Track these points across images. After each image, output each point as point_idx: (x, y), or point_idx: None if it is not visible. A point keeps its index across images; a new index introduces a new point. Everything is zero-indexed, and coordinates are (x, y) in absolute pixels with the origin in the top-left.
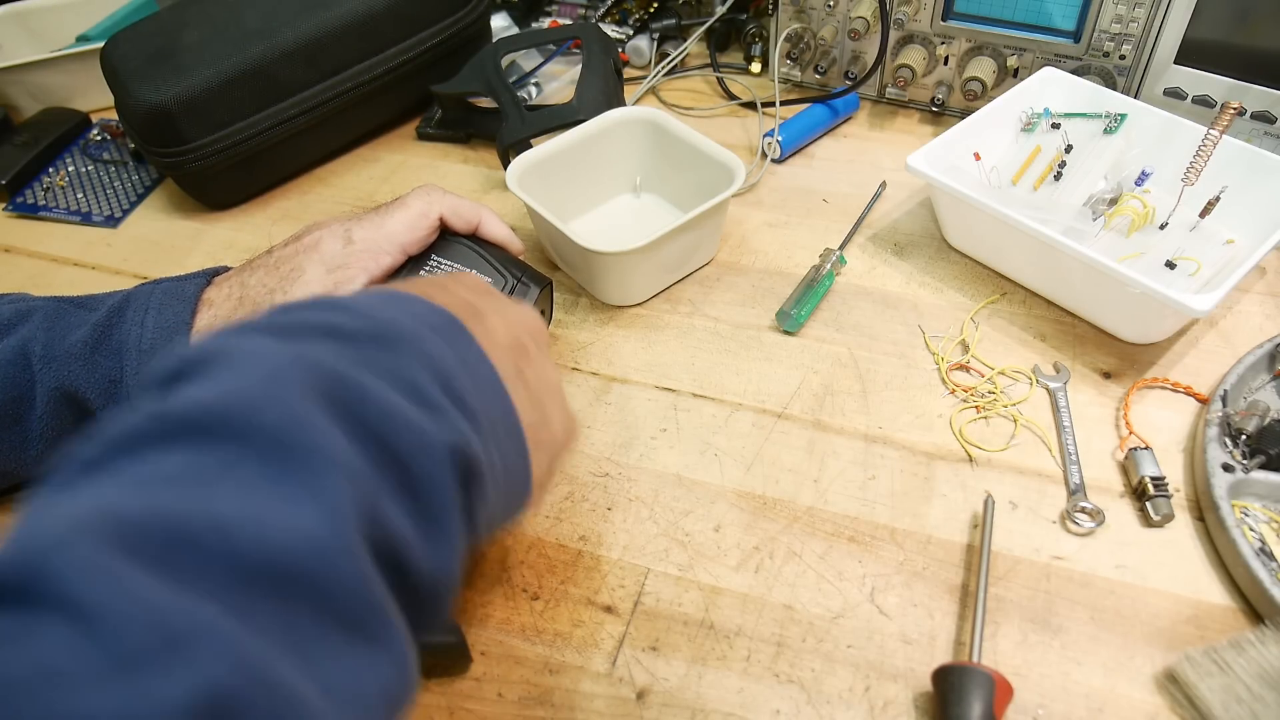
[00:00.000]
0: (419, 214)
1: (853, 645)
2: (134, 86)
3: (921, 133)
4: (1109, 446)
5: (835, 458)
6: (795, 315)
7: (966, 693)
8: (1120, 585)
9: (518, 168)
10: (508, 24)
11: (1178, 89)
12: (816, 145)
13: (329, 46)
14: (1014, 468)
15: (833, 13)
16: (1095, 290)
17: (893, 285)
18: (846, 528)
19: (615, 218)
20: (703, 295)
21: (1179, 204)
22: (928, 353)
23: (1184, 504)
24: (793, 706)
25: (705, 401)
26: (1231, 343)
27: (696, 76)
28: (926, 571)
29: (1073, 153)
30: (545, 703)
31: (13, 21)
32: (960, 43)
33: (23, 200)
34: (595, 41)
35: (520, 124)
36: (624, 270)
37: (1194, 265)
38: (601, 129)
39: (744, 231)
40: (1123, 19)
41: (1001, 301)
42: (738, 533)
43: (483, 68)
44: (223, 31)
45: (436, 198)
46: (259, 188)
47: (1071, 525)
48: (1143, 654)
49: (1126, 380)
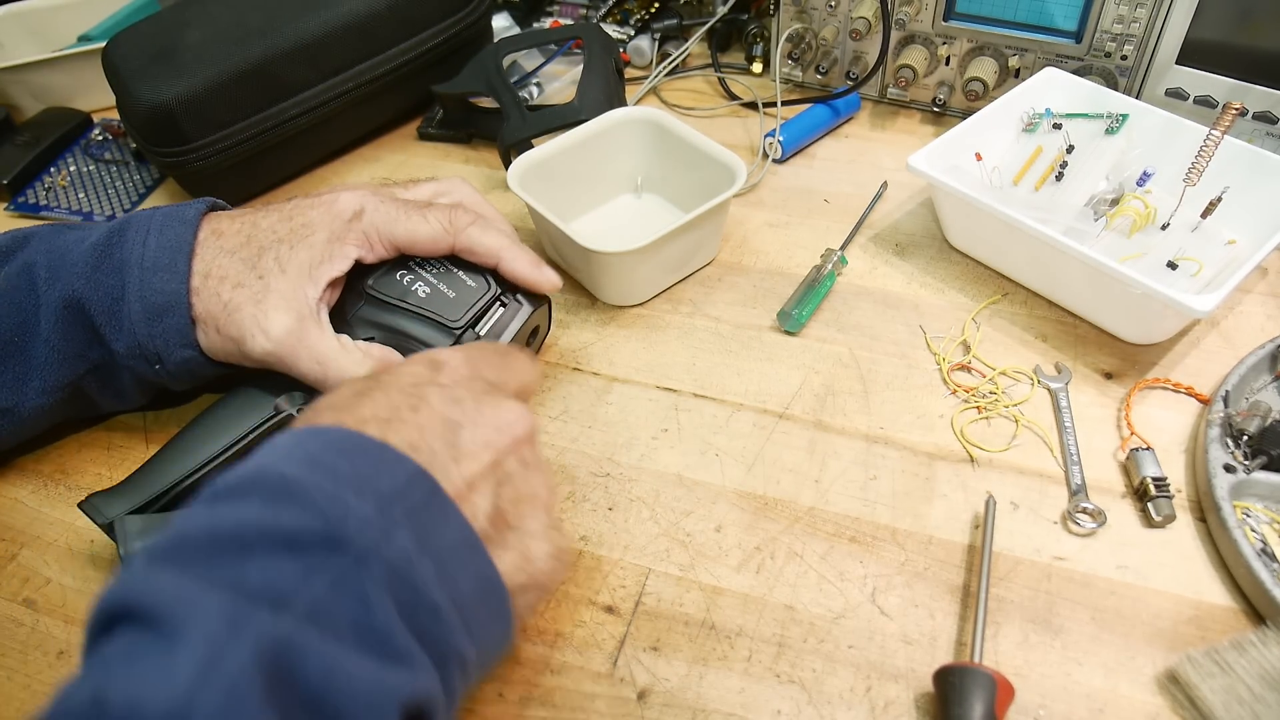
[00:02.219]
0: (432, 238)
1: (854, 645)
2: (135, 86)
3: (923, 133)
4: (1110, 447)
5: (836, 458)
6: (796, 315)
7: (968, 693)
8: (1121, 586)
9: (519, 168)
10: (509, 24)
11: (1179, 89)
12: (818, 145)
13: (331, 46)
14: (1015, 468)
15: (834, 13)
16: (1097, 291)
17: (894, 285)
18: (848, 528)
19: (616, 218)
20: (704, 295)
21: (1180, 204)
22: (929, 353)
23: (1185, 505)
24: (794, 707)
25: (706, 402)
26: (1233, 343)
27: (698, 76)
28: (928, 572)
29: (1074, 153)
30: (546, 703)
31: (14, 21)
32: (962, 43)
33: (24, 200)
34: (596, 41)
35: (521, 124)
36: (625, 270)
37: (1195, 266)
38: (603, 129)
39: (745, 232)
40: (1124, 19)
41: (1003, 302)
42: (739, 533)
43: (484, 68)
44: (224, 31)
45: (460, 225)
46: (260, 187)
47: (1073, 526)
48: (1144, 654)
49: (1128, 381)
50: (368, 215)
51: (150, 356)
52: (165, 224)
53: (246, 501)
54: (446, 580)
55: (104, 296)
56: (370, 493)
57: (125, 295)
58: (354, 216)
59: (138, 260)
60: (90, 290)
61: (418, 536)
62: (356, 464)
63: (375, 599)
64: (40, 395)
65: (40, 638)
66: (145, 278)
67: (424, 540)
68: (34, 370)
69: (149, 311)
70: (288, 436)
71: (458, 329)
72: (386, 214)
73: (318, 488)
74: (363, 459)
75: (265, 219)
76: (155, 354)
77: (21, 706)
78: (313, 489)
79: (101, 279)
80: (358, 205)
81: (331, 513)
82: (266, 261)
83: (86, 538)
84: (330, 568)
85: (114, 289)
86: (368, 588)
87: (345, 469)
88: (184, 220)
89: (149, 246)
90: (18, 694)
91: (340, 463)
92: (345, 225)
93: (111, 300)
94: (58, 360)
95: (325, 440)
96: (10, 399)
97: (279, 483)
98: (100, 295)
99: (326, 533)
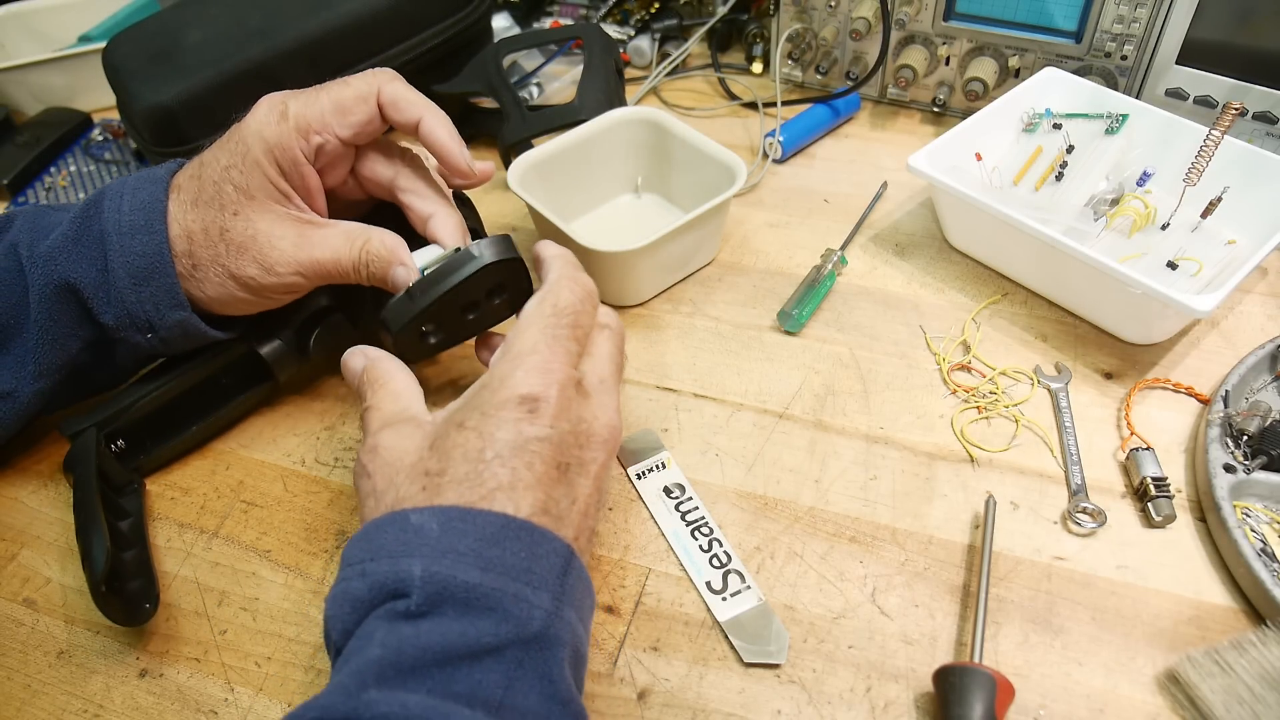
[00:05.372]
0: (358, 96)
1: (854, 645)
2: (136, 86)
3: (923, 133)
4: (1110, 447)
5: (836, 458)
6: (796, 315)
7: (968, 693)
8: (1121, 586)
9: (519, 168)
10: (509, 24)
11: (1179, 89)
12: (818, 145)
13: (331, 46)
14: (1015, 468)
15: (834, 13)
16: (1097, 291)
17: (894, 285)
18: (848, 528)
19: (616, 218)
20: (704, 295)
21: (1180, 204)
22: (929, 353)
23: (1185, 505)
24: (794, 707)
25: (706, 402)
26: (1233, 343)
27: (698, 77)
28: (928, 572)
29: (1074, 153)
30: None
31: (14, 21)
32: (962, 43)
33: (24, 200)
34: (596, 42)
35: (522, 124)
36: (625, 270)
37: (1195, 266)
38: (603, 129)
39: (745, 232)
40: (1124, 19)
41: (1003, 302)
42: (739, 533)
43: (484, 68)
44: (224, 31)
45: (383, 80)
46: None
47: (1073, 526)
48: (1144, 654)
49: (1128, 381)
50: (291, 109)
51: (141, 324)
52: (137, 187)
53: (442, 617)
54: (587, 628)
55: (88, 269)
56: (540, 582)
57: (109, 265)
58: (280, 118)
59: (115, 227)
60: (74, 265)
61: (575, 606)
62: (516, 552)
63: (558, 674)
64: (38, 379)
65: (40, 638)
66: (124, 243)
67: (579, 607)
68: (29, 353)
69: (134, 276)
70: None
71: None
72: (307, 100)
73: (501, 592)
74: (517, 544)
75: (208, 154)
76: (146, 321)
77: (21, 706)
78: (498, 595)
79: (84, 252)
80: (281, 105)
81: (520, 614)
82: (227, 193)
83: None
84: (526, 662)
85: (97, 260)
86: (553, 668)
87: (511, 561)
88: (154, 179)
89: (123, 211)
90: (18, 694)
91: (505, 556)
92: (276, 128)
93: (96, 272)
94: (51, 341)
95: (479, 533)
96: (9, 383)
97: (465, 594)
98: (85, 268)
99: (519, 635)
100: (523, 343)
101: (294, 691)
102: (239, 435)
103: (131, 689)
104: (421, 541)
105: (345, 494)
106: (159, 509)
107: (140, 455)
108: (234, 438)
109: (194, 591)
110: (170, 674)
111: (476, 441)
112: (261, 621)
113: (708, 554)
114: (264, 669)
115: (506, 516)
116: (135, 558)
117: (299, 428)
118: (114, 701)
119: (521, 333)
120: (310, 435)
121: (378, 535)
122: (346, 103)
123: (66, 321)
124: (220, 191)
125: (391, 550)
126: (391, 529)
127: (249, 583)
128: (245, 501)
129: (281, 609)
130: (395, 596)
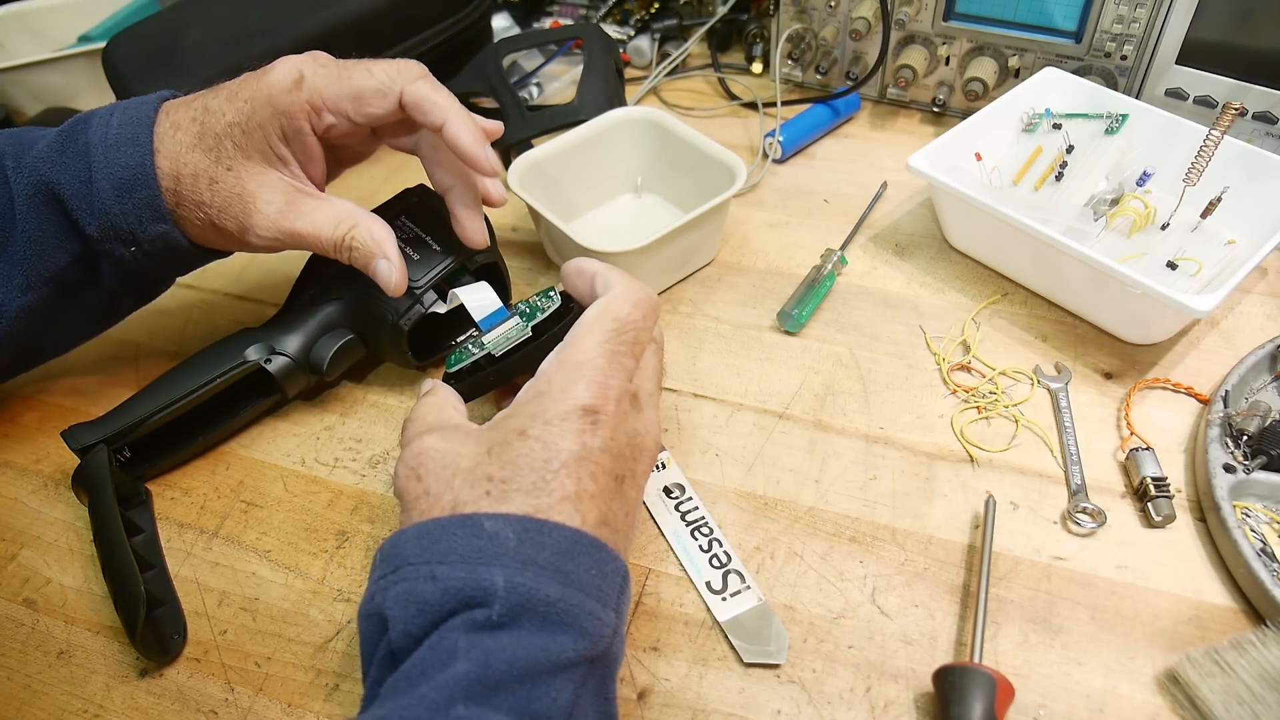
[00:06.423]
0: (378, 90)
1: (854, 645)
2: (136, 86)
3: (923, 133)
4: (1110, 447)
5: (836, 458)
6: (796, 315)
7: (967, 693)
8: (1121, 586)
9: (519, 168)
10: (509, 24)
11: (1179, 89)
12: (818, 145)
13: (330, 46)
14: (1015, 468)
15: (834, 13)
16: (1096, 291)
17: (894, 285)
18: (847, 528)
19: (616, 218)
20: (704, 295)
21: (1180, 204)
22: (929, 353)
23: (1185, 505)
24: (794, 707)
25: (706, 401)
26: (1233, 343)
27: (698, 77)
28: (927, 572)
29: (1074, 153)
30: None
31: (14, 21)
32: (961, 43)
33: None
34: (596, 42)
35: (521, 124)
36: (625, 270)
37: (1195, 266)
38: (603, 129)
39: (745, 232)
40: (1124, 19)
41: (1003, 302)
42: (738, 533)
43: (484, 68)
44: (224, 31)
45: (408, 79)
46: None
47: (1073, 526)
48: (1144, 654)
49: (1128, 381)
50: (308, 81)
51: (125, 236)
52: (128, 106)
53: (521, 630)
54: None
55: (72, 178)
56: (605, 599)
57: (92, 175)
58: (294, 86)
59: (100, 139)
60: (58, 173)
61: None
62: (586, 568)
63: (611, 692)
64: (25, 291)
65: (40, 638)
66: (109, 154)
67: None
68: (15, 265)
69: (117, 187)
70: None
71: (418, 289)
72: (327, 75)
73: (579, 608)
74: (587, 560)
75: (214, 100)
76: (129, 233)
77: (21, 706)
78: (576, 611)
79: (68, 161)
80: (296, 73)
81: (594, 631)
82: (225, 148)
83: (86, 538)
84: (589, 680)
85: (81, 171)
86: (609, 686)
87: (583, 577)
88: (145, 102)
89: (111, 126)
90: (18, 694)
91: (577, 571)
92: (288, 96)
93: (80, 182)
94: (37, 252)
95: (555, 545)
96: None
97: (546, 608)
98: (69, 177)
99: (592, 652)
100: (581, 353)
101: (294, 691)
102: (239, 435)
103: (131, 689)
104: (499, 550)
105: (345, 494)
106: (159, 509)
107: (145, 465)
108: (234, 438)
109: (194, 591)
110: (170, 674)
111: (541, 451)
112: (261, 621)
113: (707, 554)
114: (264, 669)
115: (577, 531)
116: (155, 578)
117: (299, 428)
118: (114, 701)
119: (578, 341)
120: (310, 435)
121: (444, 537)
122: (366, 94)
123: (52, 232)
124: (219, 144)
125: (465, 555)
126: (461, 532)
127: (249, 583)
128: (245, 501)
129: (281, 609)
130: (472, 605)
